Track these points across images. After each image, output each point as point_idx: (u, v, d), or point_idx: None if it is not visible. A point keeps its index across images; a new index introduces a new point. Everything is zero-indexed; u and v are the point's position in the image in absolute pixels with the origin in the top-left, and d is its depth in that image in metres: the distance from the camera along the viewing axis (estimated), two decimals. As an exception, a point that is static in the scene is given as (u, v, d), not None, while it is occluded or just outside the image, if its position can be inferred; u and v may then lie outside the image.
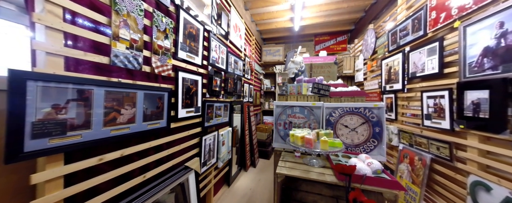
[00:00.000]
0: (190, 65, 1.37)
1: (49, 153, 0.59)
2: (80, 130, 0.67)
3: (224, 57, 1.97)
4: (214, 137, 1.78)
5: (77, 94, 0.66)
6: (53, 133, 0.59)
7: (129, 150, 0.88)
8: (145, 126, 0.96)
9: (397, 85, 1.91)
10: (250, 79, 3.10)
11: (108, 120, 0.77)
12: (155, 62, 1.02)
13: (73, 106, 0.65)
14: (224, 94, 2.02)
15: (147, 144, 0.99)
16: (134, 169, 0.92)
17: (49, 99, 0.58)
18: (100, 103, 0.74)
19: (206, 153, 1.62)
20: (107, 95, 0.76)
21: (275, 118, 1.58)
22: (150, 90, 0.98)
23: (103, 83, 0.74)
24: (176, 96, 1.21)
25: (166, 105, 1.11)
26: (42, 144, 0.57)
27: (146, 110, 0.97)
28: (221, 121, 1.93)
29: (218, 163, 1.87)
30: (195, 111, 1.44)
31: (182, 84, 1.26)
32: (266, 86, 4.16)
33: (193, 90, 1.41)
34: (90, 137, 0.70)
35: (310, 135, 1.07)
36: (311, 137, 1.05)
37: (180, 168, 1.26)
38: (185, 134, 1.32)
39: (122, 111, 0.83)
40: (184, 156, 1.33)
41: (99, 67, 0.76)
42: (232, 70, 2.24)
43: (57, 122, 0.60)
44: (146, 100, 0.96)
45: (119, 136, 0.82)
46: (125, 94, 0.84)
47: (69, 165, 0.65)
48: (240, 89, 2.56)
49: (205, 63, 1.59)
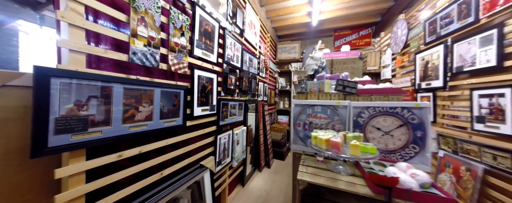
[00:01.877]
0: (206, 63, 1.35)
1: (72, 149, 0.60)
2: (101, 126, 0.68)
3: (239, 55, 1.93)
4: (229, 136, 1.75)
5: (98, 90, 0.66)
6: (75, 129, 0.60)
7: (147, 147, 0.88)
8: (162, 123, 0.96)
9: (436, 82, 1.65)
10: (264, 77, 3.03)
11: (127, 117, 0.78)
12: (172, 59, 1.02)
13: (94, 103, 0.65)
14: (238, 92, 1.98)
15: (164, 142, 0.99)
16: (152, 166, 0.92)
17: (72, 95, 0.59)
18: (120, 100, 0.74)
19: (220, 152, 1.60)
20: (126, 92, 0.77)
21: (294, 118, 1.48)
22: (167, 88, 0.98)
23: (122, 80, 0.74)
24: (192, 94, 1.20)
25: (182, 103, 1.10)
26: (65, 140, 0.58)
27: (163, 108, 0.97)
28: (235, 120, 1.90)
29: (232, 163, 1.85)
30: (210, 109, 1.42)
31: (197, 82, 1.25)
32: (281, 84, 4.04)
33: (208, 88, 1.39)
34: (110, 133, 0.71)
35: (337, 138, 0.95)
36: (338, 141, 0.94)
37: (196, 167, 1.25)
38: (200, 132, 1.31)
39: (140, 108, 0.83)
40: (200, 154, 1.32)
41: (118, 65, 0.76)
42: (247, 68, 2.19)
43: (79, 118, 0.61)
44: (163, 98, 0.96)
45: (137, 133, 0.82)
46: (143, 91, 0.85)
47: (90, 161, 0.66)
48: (255, 88, 2.50)
49: (220, 61, 1.56)
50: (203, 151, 1.36)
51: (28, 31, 3.69)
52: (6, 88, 0.53)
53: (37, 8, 2.90)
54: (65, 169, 0.59)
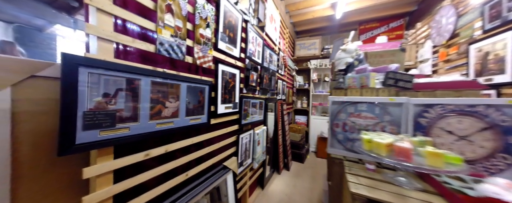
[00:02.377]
0: (229, 58, 1.27)
1: (100, 146, 0.54)
2: (128, 122, 0.62)
3: (260, 50, 1.82)
4: (250, 136, 1.66)
5: (126, 83, 0.61)
6: (103, 124, 0.55)
7: (173, 146, 0.82)
8: (187, 121, 0.89)
9: (500, 77, 1.37)
10: (283, 75, 2.89)
11: (154, 113, 0.71)
12: (197, 52, 0.95)
13: (122, 97, 0.60)
14: (259, 90, 1.88)
15: (189, 140, 0.92)
16: (177, 166, 0.86)
17: (100, 87, 0.54)
18: (147, 95, 0.68)
19: (242, 153, 1.51)
20: (153, 86, 0.71)
21: (331, 117, 1.29)
22: (193, 83, 0.91)
23: (150, 72, 0.68)
24: (216, 90, 1.12)
25: (207, 99, 1.03)
26: (93, 136, 0.52)
27: (189, 104, 0.90)
28: (256, 119, 1.80)
29: (253, 164, 1.75)
30: (233, 107, 1.34)
31: (221, 77, 1.17)
32: (299, 83, 3.86)
33: (231, 84, 1.31)
34: (138, 130, 0.65)
35: (404, 143, 0.75)
36: (408, 146, 0.73)
37: (219, 168, 1.17)
38: (223, 131, 1.24)
39: (167, 104, 0.77)
40: (222, 155, 1.24)
41: (144, 57, 0.70)
42: (267, 65, 2.08)
43: (107, 113, 0.56)
44: (189, 93, 0.89)
45: (164, 130, 0.76)
46: (170, 86, 0.78)
47: (118, 160, 0.61)
48: (274, 86, 2.38)
49: (242, 56, 1.47)
50: (225, 151, 1.28)
51: (64, 35, 4.04)
52: (35, 78, 0.49)
53: (71, 13, 3.14)
54: (93, 168, 0.53)
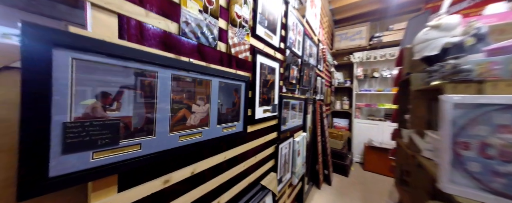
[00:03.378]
0: (268, 47, 1.00)
1: (94, 177, 0.34)
2: (139, 137, 0.41)
3: (300, 39, 1.49)
4: (289, 145, 1.35)
5: (135, 77, 0.40)
6: (99, 142, 0.35)
7: (201, 165, 0.60)
8: (219, 130, 0.66)
9: None
10: (321, 71, 2.45)
11: (176, 122, 0.50)
12: (232, 37, 0.70)
13: (129, 98, 0.39)
14: (299, 88, 1.55)
15: (221, 156, 0.68)
16: (207, 192, 0.63)
17: (94, 84, 0.33)
18: (167, 95, 0.47)
19: (281, 167, 1.22)
20: (176, 82, 0.49)
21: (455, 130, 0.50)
22: (226, 78, 0.67)
23: (170, 62, 0.47)
24: (254, 88, 0.86)
25: (243, 100, 0.78)
26: (81, 162, 0.33)
27: (221, 107, 0.66)
28: (295, 124, 1.48)
29: (293, 179, 1.44)
30: (272, 110, 1.06)
31: (260, 72, 0.91)
32: (338, 80, 3.30)
33: (270, 81, 1.03)
34: (153, 148, 0.44)
35: None
36: None
37: (256, 189, 0.91)
38: (260, 141, 0.97)
39: (194, 107, 0.55)
40: (259, 171, 0.98)
41: (163, 40, 0.49)
42: (307, 58, 1.72)
43: (106, 123, 0.35)
44: (221, 93, 0.66)
45: (190, 145, 0.54)
46: (198, 82, 0.56)
47: (125, 192, 0.40)
48: (314, 84, 1.99)
49: (282, 46, 1.18)
50: (262, 167, 1.01)
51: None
52: (7, 72, 0.32)
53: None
54: (84, 211, 0.34)
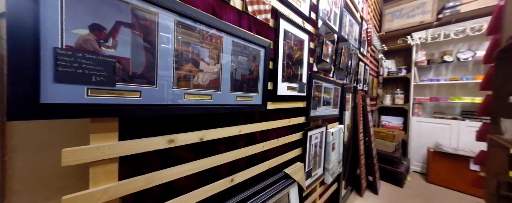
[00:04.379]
0: (294, 14, 0.85)
1: (90, 114, 0.32)
2: (139, 84, 0.38)
3: (337, 12, 1.25)
4: (322, 135, 1.15)
5: (133, 15, 0.36)
6: (94, 78, 0.32)
7: (211, 133, 0.53)
8: (233, 98, 0.58)
9: None
10: (365, 56, 2.04)
11: (182, 77, 0.45)
12: (249, -7, 0.61)
13: (126, 37, 0.36)
14: (334, 71, 1.31)
15: (235, 129, 0.60)
16: (220, 165, 0.56)
17: (86, 12, 0.31)
18: (170, 43, 0.42)
19: (310, 158, 1.04)
20: (180, 29, 0.44)
21: None
22: (241, 39, 0.59)
23: (174, 5, 0.42)
24: (275, 60, 0.74)
25: (262, 70, 0.67)
26: (74, 95, 0.31)
27: (235, 72, 0.58)
28: (330, 112, 1.25)
29: (325, 177, 1.22)
30: (299, 89, 0.91)
31: (283, 41, 0.78)
32: (389, 69, 2.71)
33: (297, 55, 0.88)
34: (155, 99, 0.40)
35: None
36: None
37: (279, 176, 0.79)
38: (284, 122, 0.84)
39: (202, 65, 0.49)
40: (282, 157, 0.85)
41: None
42: (346, 36, 1.44)
43: (100, 59, 0.33)
44: (235, 55, 0.58)
45: (198, 106, 0.48)
46: (206, 37, 0.49)
47: (125, 142, 0.38)
48: (355, 68, 1.67)
49: (313, 16, 1.00)
50: (287, 153, 0.88)
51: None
52: None
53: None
54: (80, 151, 0.32)
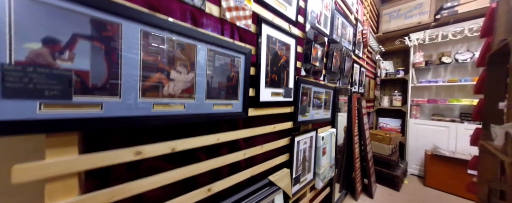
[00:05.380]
0: (279, 18, 0.84)
1: (42, 130, 0.31)
2: (100, 96, 0.37)
3: (328, 14, 1.24)
4: (311, 140, 1.13)
5: (92, 27, 0.36)
6: (47, 93, 0.32)
7: (185, 143, 0.52)
8: (209, 106, 0.57)
9: None
10: (361, 58, 2.02)
11: (149, 87, 0.44)
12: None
13: (85, 49, 0.35)
14: (326, 74, 1.29)
15: (213, 138, 0.59)
16: (200, 174, 0.56)
17: (38, 26, 0.30)
18: (134, 52, 0.41)
19: (299, 164, 1.03)
20: (147, 40, 0.43)
21: None
22: (219, 47, 0.58)
23: (140, 16, 0.41)
24: (258, 65, 0.73)
25: (242, 76, 0.66)
26: (25, 111, 0.30)
27: (211, 80, 0.57)
28: (320, 116, 1.24)
29: (315, 182, 1.21)
30: (285, 94, 0.89)
31: (267, 46, 0.77)
32: (386, 70, 2.68)
33: (283, 59, 0.87)
34: (118, 111, 0.39)
35: None
36: None
37: (262, 184, 0.78)
38: (268, 129, 0.83)
39: (173, 74, 0.48)
40: (267, 164, 0.83)
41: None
42: (339, 39, 1.42)
43: (53, 72, 0.32)
44: (212, 63, 0.57)
45: (168, 117, 0.47)
46: (178, 45, 0.49)
47: (86, 155, 0.37)
48: (349, 71, 1.65)
49: (300, 20, 0.99)
50: (272, 160, 0.87)
51: None
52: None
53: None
54: (33, 167, 0.31)
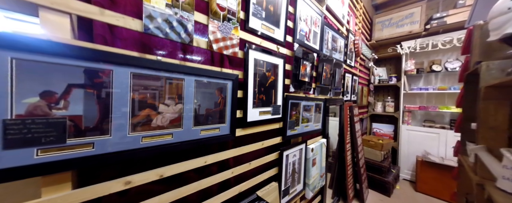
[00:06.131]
0: (267, 41, 0.89)
1: (39, 173, 0.35)
2: (92, 136, 0.41)
3: (317, 31, 1.29)
4: (300, 152, 1.18)
5: (86, 76, 0.40)
6: (44, 140, 0.36)
7: (173, 168, 0.56)
8: (197, 132, 0.61)
9: None
10: (353, 67, 2.07)
11: (139, 122, 0.48)
12: (214, 32, 0.65)
13: (78, 96, 0.39)
14: (316, 88, 1.34)
15: (200, 161, 0.64)
16: (182, 197, 0.60)
17: (36, 82, 0.35)
18: (124, 93, 0.45)
19: (288, 176, 1.07)
20: (137, 80, 0.47)
21: None
22: (206, 77, 0.62)
23: (130, 60, 0.45)
24: (245, 87, 0.78)
25: (229, 101, 0.71)
26: (24, 158, 0.34)
27: (199, 108, 0.61)
28: (310, 128, 1.28)
29: (305, 192, 1.25)
30: (273, 112, 0.94)
31: (254, 69, 0.81)
32: (379, 77, 2.73)
33: (271, 80, 0.92)
34: (109, 148, 0.43)
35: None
36: None
37: (250, 199, 0.82)
38: (256, 146, 0.87)
39: (161, 107, 0.52)
40: (255, 180, 0.88)
41: (123, 37, 0.48)
42: (329, 52, 1.47)
43: (50, 121, 0.36)
44: (199, 92, 0.61)
45: (156, 147, 0.51)
46: (167, 81, 0.53)
47: (80, 190, 0.41)
48: (340, 82, 1.70)
49: (289, 39, 1.04)
50: (260, 175, 0.91)
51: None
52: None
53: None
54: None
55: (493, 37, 0.71)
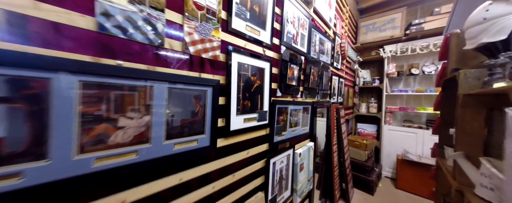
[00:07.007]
0: (252, 44, 0.83)
1: None
2: (21, 163, 0.32)
3: (305, 33, 1.26)
4: (288, 158, 1.14)
5: (10, 88, 0.31)
6: None
7: (138, 192, 0.48)
8: (169, 147, 0.54)
9: None
10: (340, 69, 2.11)
11: (90, 141, 0.40)
12: (191, 33, 0.58)
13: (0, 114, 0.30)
14: (303, 91, 1.32)
15: (174, 179, 0.56)
16: (151, 223, 0.52)
17: None
18: (68, 107, 0.37)
19: (275, 184, 1.03)
20: (88, 90, 0.39)
21: None
22: (181, 83, 0.55)
23: (79, 66, 0.37)
24: (228, 93, 0.71)
25: (209, 109, 0.64)
26: None
27: (172, 119, 0.54)
28: (298, 133, 1.26)
29: (293, 198, 1.22)
30: (259, 118, 0.89)
31: (237, 74, 0.75)
32: (364, 79, 2.83)
33: (256, 84, 0.86)
34: (46, 176, 0.34)
35: None
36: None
37: (232, 214, 0.76)
38: (241, 156, 0.81)
39: (122, 121, 0.44)
40: (240, 192, 0.82)
41: (74, 40, 0.39)
42: (316, 55, 1.46)
43: (-51, 150, 0.27)
44: (172, 101, 0.54)
45: (115, 169, 0.43)
46: (129, 89, 0.45)
47: (4, 233, 0.32)
48: (327, 84, 1.70)
49: (276, 42, 0.99)
50: (245, 186, 0.85)
51: None
52: None
53: None
54: None
55: (469, 45, 0.73)
